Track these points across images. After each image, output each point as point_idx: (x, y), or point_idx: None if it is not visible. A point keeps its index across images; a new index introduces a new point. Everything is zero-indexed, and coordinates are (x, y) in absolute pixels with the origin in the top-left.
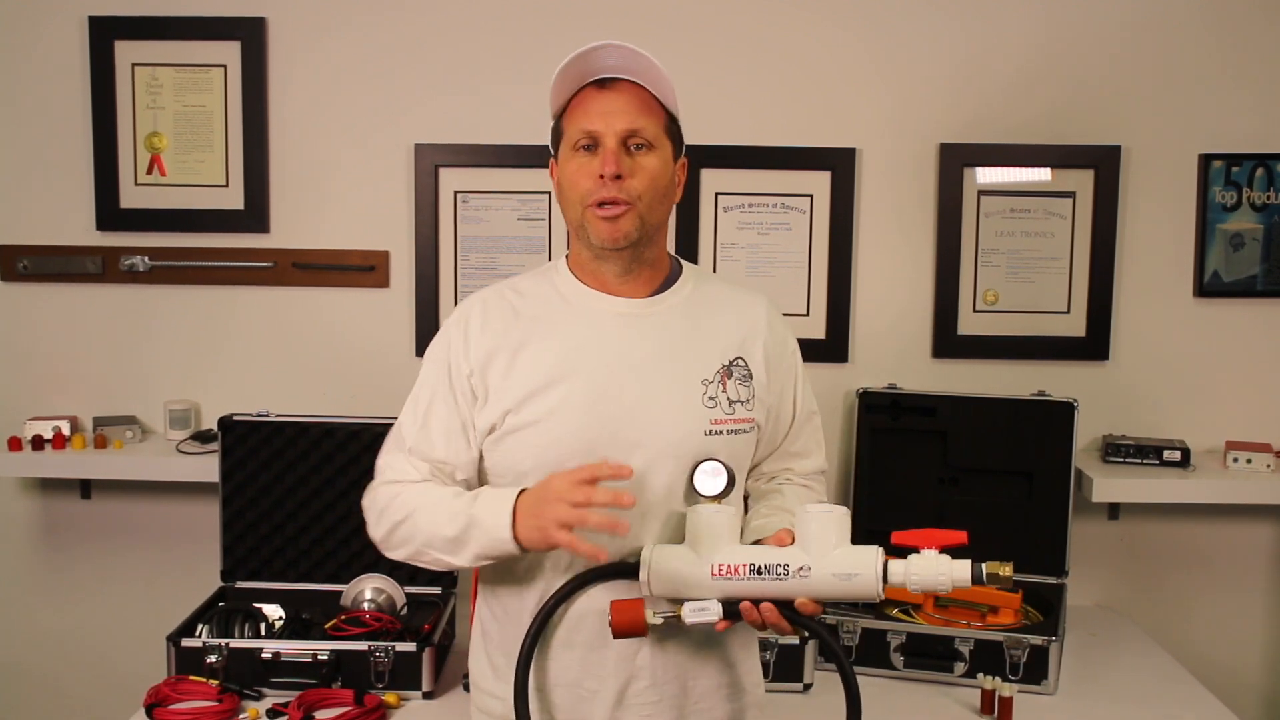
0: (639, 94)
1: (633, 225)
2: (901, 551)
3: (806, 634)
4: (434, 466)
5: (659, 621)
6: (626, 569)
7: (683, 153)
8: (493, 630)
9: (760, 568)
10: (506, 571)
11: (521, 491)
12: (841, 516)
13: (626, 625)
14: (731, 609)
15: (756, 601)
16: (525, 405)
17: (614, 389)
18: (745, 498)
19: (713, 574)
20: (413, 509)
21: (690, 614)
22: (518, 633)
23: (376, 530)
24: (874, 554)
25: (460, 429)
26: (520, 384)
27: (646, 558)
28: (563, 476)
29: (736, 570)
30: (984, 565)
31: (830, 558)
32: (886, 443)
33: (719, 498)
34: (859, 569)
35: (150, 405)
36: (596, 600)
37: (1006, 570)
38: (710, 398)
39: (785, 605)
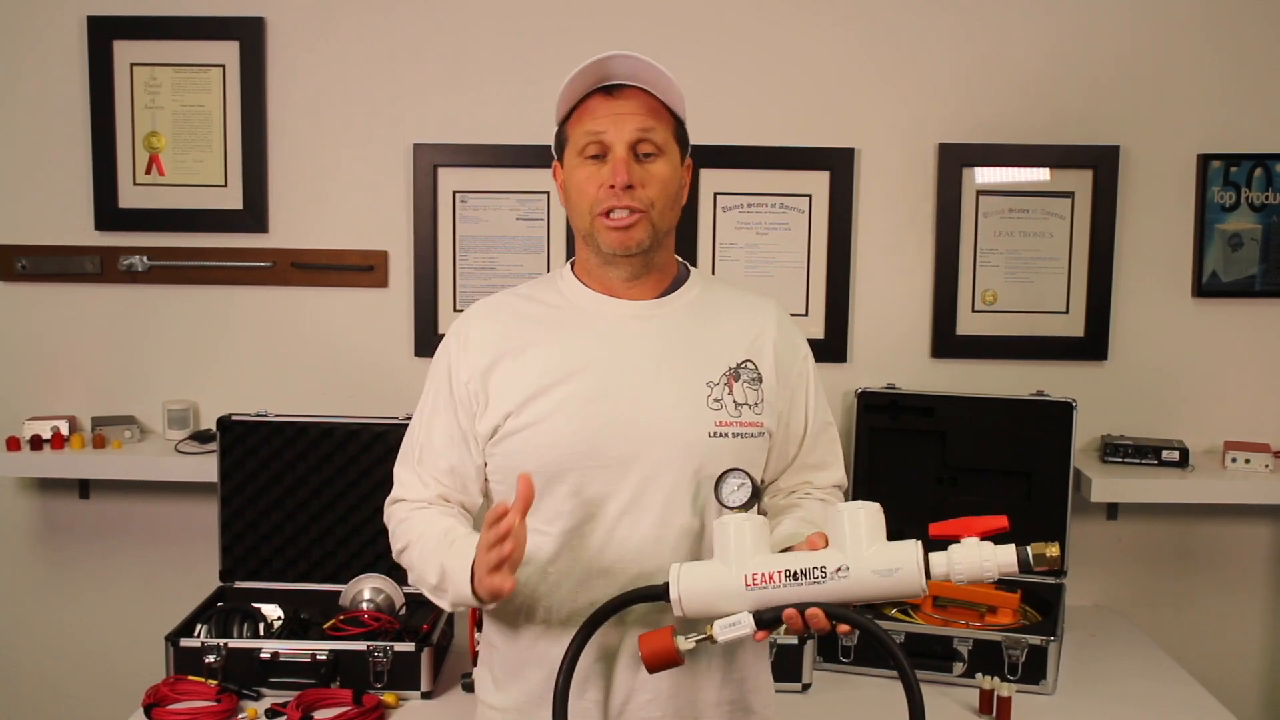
0: (647, 100)
1: (645, 233)
2: (939, 545)
3: (859, 633)
4: (441, 480)
5: (692, 646)
6: (655, 592)
7: (688, 154)
8: (497, 643)
9: (796, 573)
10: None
11: None
12: (875, 512)
13: (660, 656)
14: (766, 618)
15: (800, 608)
16: (526, 407)
17: (615, 390)
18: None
19: (747, 584)
20: (409, 541)
21: (722, 630)
22: (518, 647)
23: (393, 551)
24: (913, 547)
25: (462, 438)
26: (521, 386)
27: (675, 575)
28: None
29: (772, 578)
30: (1029, 548)
31: (868, 555)
32: (885, 443)
33: (744, 508)
34: (900, 564)
35: (149, 405)
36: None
37: (1054, 550)
38: (715, 400)
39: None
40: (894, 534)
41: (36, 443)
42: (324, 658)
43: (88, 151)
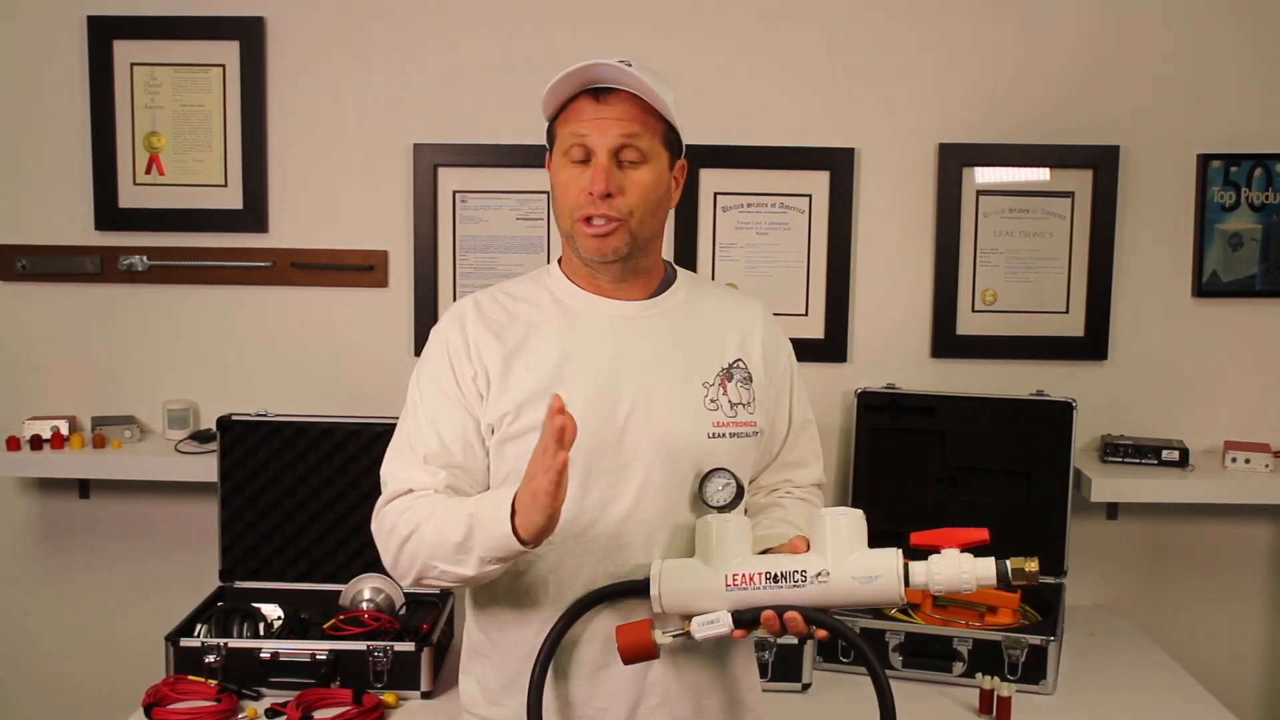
0: (635, 105)
1: (622, 241)
2: (920, 553)
3: (835, 638)
4: (451, 473)
5: (669, 640)
6: (635, 586)
7: (682, 154)
8: (487, 651)
9: (777, 575)
10: (505, 593)
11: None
12: (858, 519)
13: (635, 648)
14: (745, 619)
15: (779, 610)
16: (524, 410)
17: (614, 393)
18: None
19: (727, 585)
20: (419, 521)
21: (700, 628)
22: (515, 658)
23: (387, 553)
24: (894, 556)
25: (475, 432)
26: (518, 389)
27: (656, 572)
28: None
29: (752, 579)
30: (1009, 562)
31: (849, 561)
32: (885, 443)
33: (728, 508)
34: (879, 571)
35: (149, 405)
36: (602, 621)
37: (1032, 566)
38: (712, 400)
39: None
40: (892, 534)
41: (36, 443)
42: (324, 658)
43: (88, 151)
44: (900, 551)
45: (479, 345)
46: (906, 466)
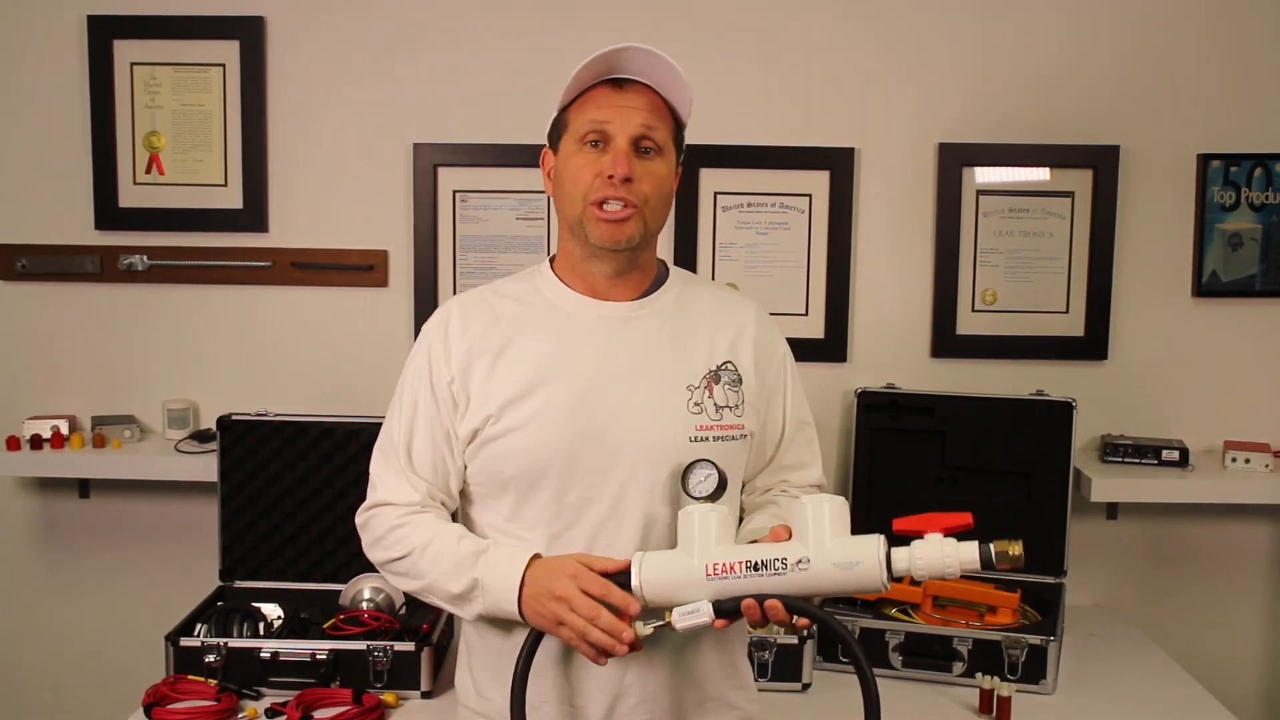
0: (653, 98)
1: (636, 230)
2: (905, 541)
3: (816, 626)
4: (426, 478)
5: (650, 631)
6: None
7: (681, 158)
8: (476, 646)
9: (757, 563)
10: None
11: (532, 559)
12: (838, 505)
13: None
14: (726, 608)
15: (759, 599)
16: (507, 411)
17: (597, 394)
18: (740, 512)
19: (708, 574)
20: (411, 548)
21: (680, 618)
22: (501, 651)
23: (371, 553)
24: (875, 541)
25: (445, 438)
26: (501, 389)
27: (637, 563)
28: (571, 579)
29: (733, 568)
30: (992, 545)
31: (829, 548)
32: (885, 442)
33: (710, 499)
34: (860, 557)
35: (149, 404)
36: None
37: (1016, 549)
38: (696, 404)
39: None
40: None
41: (36, 442)
42: (324, 657)
43: (88, 151)
44: (882, 538)
45: (460, 348)
46: (906, 466)
